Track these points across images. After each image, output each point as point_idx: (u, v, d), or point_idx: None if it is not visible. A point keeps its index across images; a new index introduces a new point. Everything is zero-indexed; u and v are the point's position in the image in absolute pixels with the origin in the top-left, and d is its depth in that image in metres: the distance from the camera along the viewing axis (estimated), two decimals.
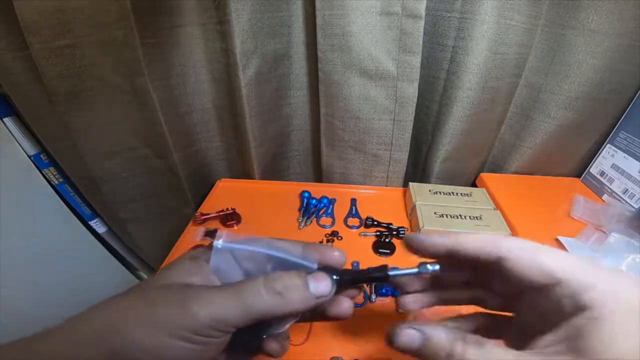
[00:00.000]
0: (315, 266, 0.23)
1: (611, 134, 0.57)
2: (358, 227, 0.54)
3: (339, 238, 0.51)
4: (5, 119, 0.52)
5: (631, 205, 0.52)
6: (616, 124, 0.57)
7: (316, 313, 0.24)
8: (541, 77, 0.54)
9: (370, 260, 0.46)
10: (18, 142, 0.54)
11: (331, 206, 0.57)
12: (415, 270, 0.24)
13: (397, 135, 0.56)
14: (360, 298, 0.42)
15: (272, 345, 0.24)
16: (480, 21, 0.46)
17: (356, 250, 0.48)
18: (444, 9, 0.48)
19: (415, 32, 0.46)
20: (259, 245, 0.23)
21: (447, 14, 0.48)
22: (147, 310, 0.19)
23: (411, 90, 0.51)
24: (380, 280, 0.25)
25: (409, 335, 0.20)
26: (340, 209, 0.57)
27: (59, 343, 0.18)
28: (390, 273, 0.24)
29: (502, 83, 0.52)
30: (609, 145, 0.58)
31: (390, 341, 0.21)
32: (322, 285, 0.22)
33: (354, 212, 0.56)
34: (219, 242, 0.22)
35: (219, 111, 0.60)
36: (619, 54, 0.48)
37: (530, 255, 0.19)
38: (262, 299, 0.20)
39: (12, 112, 0.52)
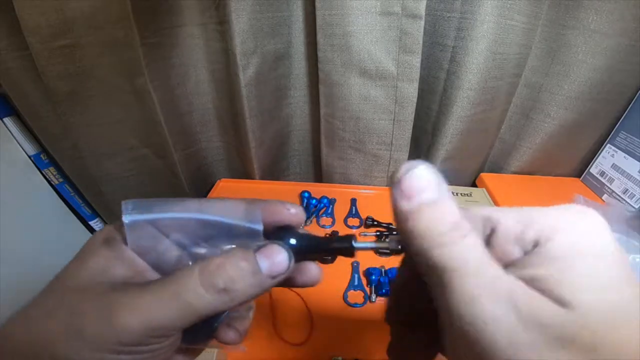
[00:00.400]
0: (261, 227, 0.18)
1: (611, 134, 0.57)
2: (358, 227, 0.54)
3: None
4: (5, 119, 0.52)
5: (631, 205, 0.52)
6: (616, 124, 0.57)
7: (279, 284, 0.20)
8: (541, 77, 0.54)
9: (370, 260, 0.46)
10: (18, 142, 0.54)
11: (331, 206, 0.57)
12: (385, 244, 0.20)
13: (397, 135, 0.56)
14: (360, 298, 0.42)
15: (228, 334, 0.20)
16: (480, 21, 0.46)
17: None
18: (444, 9, 0.48)
19: (415, 32, 0.46)
20: (186, 210, 0.19)
21: (447, 14, 0.48)
22: (69, 323, 0.16)
23: (411, 90, 0.51)
24: (344, 252, 0.20)
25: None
26: (340, 209, 0.57)
27: None
28: (355, 245, 0.20)
29: (502, 83, 0.52)
30: (609, 145, 0.58)
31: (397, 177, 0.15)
32: (276, 261, 0.18)
33: (354, 212, 0.56)
34: (127, 217, 0.17)
35: (219, 111, 0.60)
36: (619, 54, 0.48)
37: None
38: (204, 299, 0.16)
39: (12, 112, 0.52)
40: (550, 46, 0.51)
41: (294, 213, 0.20)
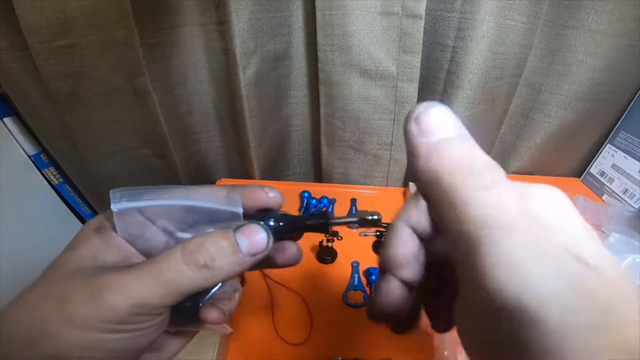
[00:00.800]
0: (240, 210, 0.19)
1: (611, 134, 0.57)
2: (358, 227, 0.53)
3: (339, 238, 0.51)
4: (5, 119, 0.52)
5: (631, 205, 0.52)
6: (616, 124, 0.57)
7: (260, 263, 0.20)
8: (541, 77, 0.54)
9: (370, 260, 0.46)
10: (18, 142, 0.54)
11: (331, 206, 0.57)
12: (356, 219, 0.22)
13: (397, 135, 0.55)
14: (360, 298, 0.42)
15: (211, 313, 0.20)
16: (480, 21, 0.46)
17: (356, 250, 0.48)
18: (444, 9, 0.48)
19: (415, 32, 0.46)
20: (172, 197, 0.19)
21: (447, 14, 0.48)
22: (60, 305, 0.16)
23: (411, 90, 0.51)
24: (321, 227, 0.21)
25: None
26: (340, 209, 0.57)
27: None
28: (332, 221, 0.21)
29: (502, 83, 0.52)
30: (609, 145, 0.58)
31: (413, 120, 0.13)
32: (255, 239, 0.18)
33: (354, 212, 0.56)
34: (115, 205, 0.18)
35: (219, 111, 0.60)
36: (619, 54, 0.48)
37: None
38: (186, 275, 0.17)
39: (12, 112, 0.53)
40: (550, 46, 0.51)
41: (272, 196, 0.21)
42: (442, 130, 0.12)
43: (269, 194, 0.21)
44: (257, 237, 0.18)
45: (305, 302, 0.41)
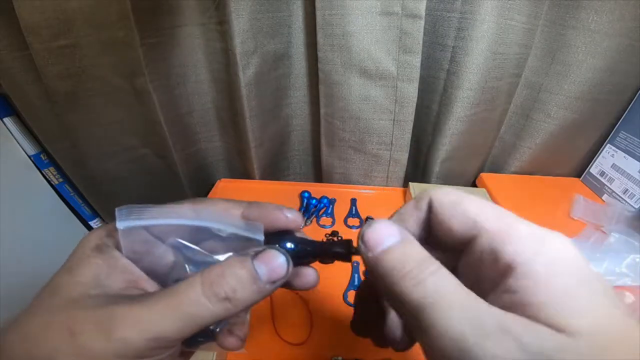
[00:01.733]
0: (261, 238, 0.18)
1: (611, 134, 0.57)
2: (358, 227, 0.54)
3: (339, 238, 0.51)
4: (5, 119, 0.52)
5: (631, 205, 0.52)
6: (616, 124, 0.57)
7: None
8: (541, 77, 0.54)
9: None
10: (18, 142, 0.54)
11: (331, 206, 0.57)
12: None
13: (397, 135, 0.56)
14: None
15: (229, 341, 0.20)
16: (480, 21, 0.46)
17: None
18: (444, 9, 0.48)
19: (415, 32, 0.46)
20: (181, 216, 0.18)
21: (447, 14, 0.48)
22: (69, 340, 0.15)
23: (411, 90, 0.51)
24: (342, 257, 0.20)
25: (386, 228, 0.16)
26: (340, 209, 0.57)
27: None
28: (353, 250, 0.20)
29: (502, 83, 0.52)
30: (609, 145, 0.58)
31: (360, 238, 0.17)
32: (274, 267, 0.18)
33: (354, 212, 0.56)
34: (121, 223, 0.17)
35: (219, 111, 0.60)
36: (619, 54, 0.48)
37: (454, 203, 0.17)
38: (207, 309, 0.16)
39: (12, 112, 0.52)
40: (550, 46, 0.51)
41: (291, 218, 0.20)
42: (381, 244, 0.16)
43: (288, 215, 0.20)
44: (276, 264, 0.18)
45: (305, 302, 0.41)
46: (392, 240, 0.16)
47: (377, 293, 0.21)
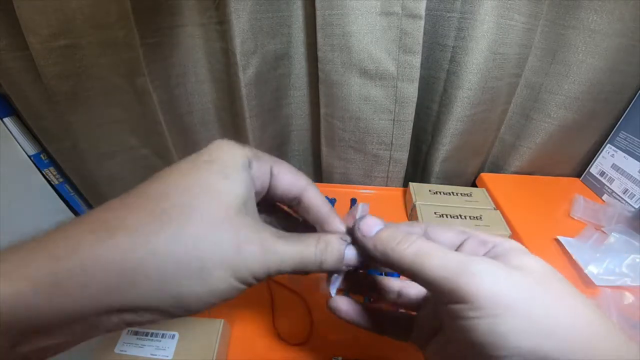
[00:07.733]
0: (349, 239, 0.24)
1: (611, 134, 0.57)
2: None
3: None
4: (5, 119, 0.52)
5: (631, 205, 0.52)
6: (616, 124, 0.57)
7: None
8: (541, 77, 0.54)
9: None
10: (18, 142, 0.54)
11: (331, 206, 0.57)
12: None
13: (397, 135, 0.56)
14: (360, 298, 0.42)
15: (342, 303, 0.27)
16: (480, 21, 0.46)
17: None
18: (444, 9, 0.48)
19: (415, 32, 0.46)
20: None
21: (447, 14, 0.48)
22: (232, 256, 0.18)
23: (411, 90, 0.51)
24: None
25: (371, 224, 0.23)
26: (340, 209, 0.57)
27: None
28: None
29: (502, 83, 0.52)
30: (609, 145, 0.58)
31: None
32: (352, 256, 0.23)
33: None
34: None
35: (219, 111, 0.60)
36: (619, 54, 0.48)
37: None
38: (312, 251, 0.21)
39: (12, 112, 0.52)
40: (550, 46, 0.51)
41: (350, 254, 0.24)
42: (374, 229, 0.22)
43: (349, 251, 0.24)
44: (353, 254, 0.23)
45: (305, 302, 0.41)
46: (380, 226, 0.22)
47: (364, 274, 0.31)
